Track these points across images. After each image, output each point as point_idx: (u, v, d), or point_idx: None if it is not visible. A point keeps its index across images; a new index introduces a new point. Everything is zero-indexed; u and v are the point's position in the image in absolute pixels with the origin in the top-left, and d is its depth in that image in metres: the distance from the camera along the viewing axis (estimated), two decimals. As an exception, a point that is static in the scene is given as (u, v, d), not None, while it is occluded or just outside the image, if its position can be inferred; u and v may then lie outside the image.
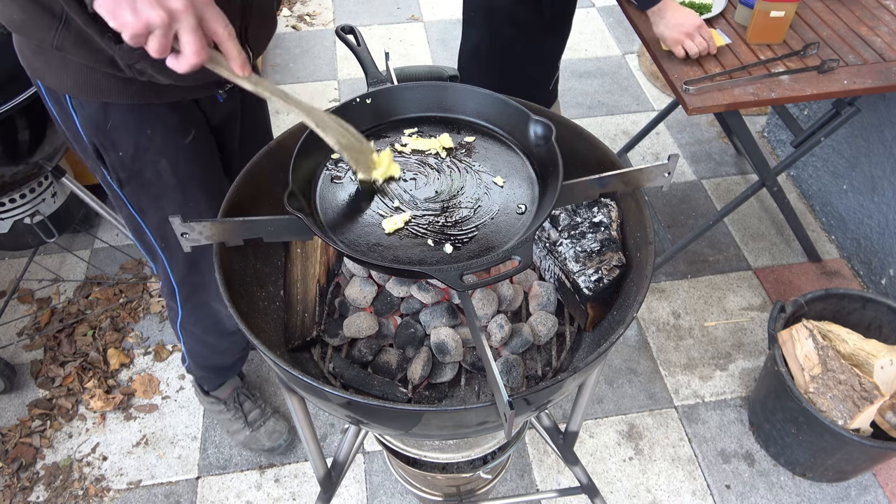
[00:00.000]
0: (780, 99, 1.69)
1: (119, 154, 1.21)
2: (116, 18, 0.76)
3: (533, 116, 1.04)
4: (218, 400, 1.95)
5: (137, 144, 1.21)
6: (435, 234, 0.97)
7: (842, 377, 1.73)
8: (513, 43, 1.89)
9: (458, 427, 0.97)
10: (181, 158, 1.27)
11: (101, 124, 1.17)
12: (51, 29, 1.00)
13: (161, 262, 1.43)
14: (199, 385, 1.96)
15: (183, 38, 0.77)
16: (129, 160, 1.22)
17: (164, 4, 0.75)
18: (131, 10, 0.74)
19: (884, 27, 1.89)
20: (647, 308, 2.37)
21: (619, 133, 3.08)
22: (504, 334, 1.10)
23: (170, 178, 1.27)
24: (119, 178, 1.25)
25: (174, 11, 0.75)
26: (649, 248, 1.05)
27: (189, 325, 1.64)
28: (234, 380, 1.98)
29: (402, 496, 1.90)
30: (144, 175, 1.25)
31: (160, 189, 1.29)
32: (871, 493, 1.91)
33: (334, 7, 3.96)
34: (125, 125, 1.18)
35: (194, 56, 0.78)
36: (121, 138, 1.19)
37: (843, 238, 2.54)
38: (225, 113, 1.35)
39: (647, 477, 1.95)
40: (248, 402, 1.98)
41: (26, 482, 1.93)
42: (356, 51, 1.17)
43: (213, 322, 1.62)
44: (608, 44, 3.62)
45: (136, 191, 1.28)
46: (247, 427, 1.95)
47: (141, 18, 0.74)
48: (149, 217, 1.33)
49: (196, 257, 1.41)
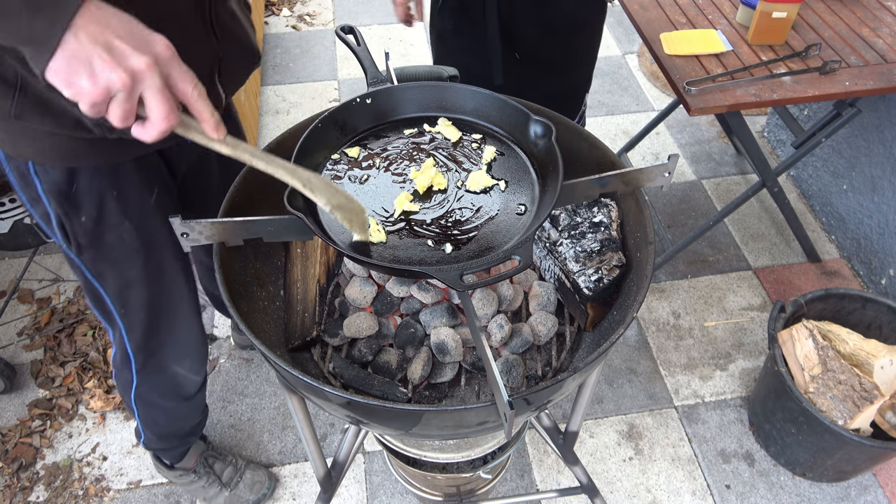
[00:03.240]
0: (781, 100, 1.68)
1: (81, 219, 1.13)
2: (71, 87, 0.67)
3: (533, 116, 1.04)
4: (186, 470, 1.80)
5: (101, 208, 1.13)
6: (435, 234, 0.97)
7: (842, 377, 1.73)
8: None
9: (458, 427, 0.97)
10: (145, 219, 1.20)
11: (65, 190, 1.08)
12: (7, 97, 0.92)
13: (118, 328, 1.33)
14: (160, 460, 1.81)
15: (149, 101, 0.69)
16: (92, 225, 1.14)
17: (124, 64, 0.66)
18: (88, 76, 0.66)
19: (885, 28, 1.89)
20: (647, 308, 2.37)
21: (619, 133, 3.08)
22: (504, 334, 1.10)
23: (133, 241, 1.19)
24: (78, 243, 1.16)
25: (137, 72, 0.67)
26: (649, 248, 1.05)
27: (144, 393, 1.51)
28: (199, 444, 1.82)
29: (402, 496, 1.90)
30: (105, 239, 1.17)
31: (122, 253, 1.20)
32: (871, 493, 1.91)
33: (334, 7, 3.96)
34: (90, 189, 1.10)
35: (163, 121, 0.70)
36: (85, 202, 1.11)
37: (843, 238, 2.54)
38: (194, 157, 1.29)
39: (647, 477, 1.95)
40: (219, 462, 1.85)
41: (26, 482, 1.93)
42: (356, 51, 1.17)
43: (170, 386, 1.52)
44: (608, 44, 3.62)
45: (95, 256, 1.19)
46: (224, 489, 1.83)
47: (99, 83, 0.66)
48: (108, 282, 1.24)
49: (155, 319, 1.33)
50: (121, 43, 0.67)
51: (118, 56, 0.66)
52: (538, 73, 1.77)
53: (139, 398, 1.52)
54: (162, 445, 1.73)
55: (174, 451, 1.76)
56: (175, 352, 1.44)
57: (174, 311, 1.36)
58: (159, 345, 1.39)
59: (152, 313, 1.32)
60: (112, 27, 0.67)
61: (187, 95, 0.72)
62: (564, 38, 1.74)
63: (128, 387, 1.48)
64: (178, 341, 1.42)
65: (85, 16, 0.66)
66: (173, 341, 1.41)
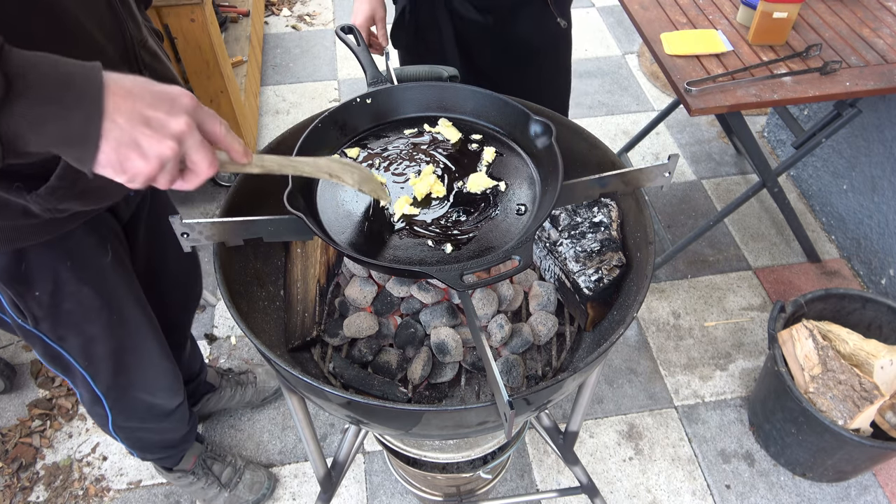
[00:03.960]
0: (782, 100, 1.68)
1: (35, 294, 1.10)
2: (126, 172, 0.66)
3: (533, 116, 1.04)
4: (185, 472, 1.80)
5: (57, 280, 1.10)
6: (435, 234, 0.96)
7: (842, 377, 1.73)
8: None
9: (458, 427, 0.97)
10: (103, 277, 1.18)
11: (14, 272, 1.06)
12: None
13: (81, 377, 1.31)
14: (158, 464, 1.80)
15: (194, 157, 0.69)
16: (49, 298, 1.11)
17: (167, 133, 0.66)
18: (139, 157, 0.65)
19: (886, 29, 1.89)
20: (647, 308, 2.37)
21: (619, 133, 3.08)
22: (504, 334, 1.10)
23: (94, 301, 1.17)
24: (35, 316, 1.14)
25: (180, 136, 0.67)
26: (649, 248, 1.05)
27: (122, 423, 1.50)
28: (195, 447, 1.81)
29: (402, 496, 1.90)
30: (64, 307, 1.15)
31: (83, 314, 1.18)
32: (871, 493, 1.91)
33: (334, 7, 3.96)
34: (41, 264, 1.07)
35: (208, 170, 0.71)
36: (37, 278, 1.08)
37: (843, 238, 2.54)
38: (134, 205, 1.29)
39: (647, 477, 1.95)
40: (217, 463, 1.84)
41: (26, 482, 1.93)
42: (356, 51, 1.17)
43: (146, 409, 1.50)
44: (608, 44, 3.62)
45: (53, 325, 1.17)
46: (223, 489, 1.82)
47: (152, 160, 0.66)
48: (69, 343, 1.22)
49: (122, 361, 1.31)
50: (155, 112, 0.66)
51: (159, 126, 0.66)
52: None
53: (118, 427, 1.51)
54: (156, 456, 1.72)
55: (170, 459, 1.76)
56: (145, 385, 1.42)
57: (140, 351, 1.35)
58: (128, 382, 1.38)
59: (118, 357, 1.30)
60: (138, 97, 0.65)
61: (218, 135, 0.72)
62: (523, 65, 1.70)
63: (104, 421, 1.48)
64: (147, 376, 1.41)
65: (112, 97, 0.64)
66: (142, 377, 1.40)
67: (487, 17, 1.58)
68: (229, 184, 2.69)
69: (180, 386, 1.54)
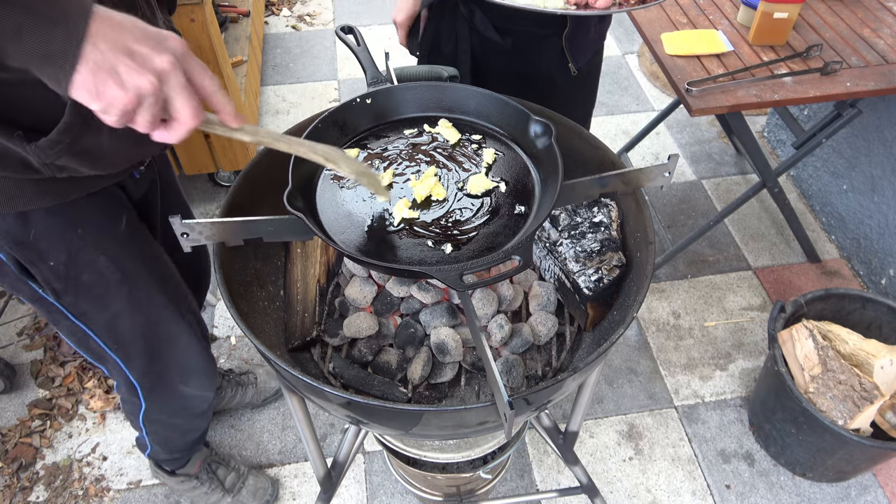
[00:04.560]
0: (782, 101, 1.68)
1: (50, 264, 1.08)
2: (101, 98, 0.64)
3: (533, 116, 1.04)
4: (188, 476, 1.78)
5: (70, 249, 1.08)
6: (435, 235, 0.96)
7: (842, 377, 1.73)
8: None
9: (458, 427, 0.97)
10: (121, 248, 1.16)
11: (21, 237, 1.03)
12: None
13: (114, 363, 1.29)
14: (160, 466, 1.78)
15: (176, 101, 0.67)
16: (64, 268, 1.09)
17: (149, 67, 0.64)
18: (116, 84, 0.64)
19: (886, 29, 1.89)
20: (647, 308, 2.37)
21: (619, 133, 3.08)
22: (504, 334, 1.10)
23: (113, 273, 1.15)
24: (54, 289, 1.12)
25: (162, 73, 0.65)
26: (649, 248, 1.05)
27: (154, 415, 1.48)
28: (202, 451, 1.80)
29: (402, 496, 1.90)
30: (83, 279, 1.12)
31: (104, 288, 1.15)
32: (871, 493, 1.91)
33: (334, 7, 3.96)
34: (51, 231, 1.05)
35: (192, 119, 0.68)
36: (49, 247, 1.06)
37: (843, 238, 2.54)
38: (145, 186, 1.26)
39: (647, 477, 1.95)
40: (222, 468, 1.82)
41: (26, 482, 1.93)
42: (356, 51, 1.17)
43: (180, 405, 1.48)
44: (608, 44, 3.60)
45: (76, 298, 1.15)
46: (227, 494, 1.80)
47: (129, 90, 0.64)
48: (93, 321, 1.20)
49: (154, 343, 1.29)
50: (140, 46, 0.64)
51: (141, 60, 0.64)
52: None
53: (148, 420, 1.50)
54: (169, 457, 1.71)
55: (178, 461, 1.75)
56: (179, 370, 1.39)
57: (170, 331, 1.32)
58: (164, 367, 1.35)
59: (150, 339, 1.28)
60: (126, 29, 0.65)
61: (206, 88, 0.70)
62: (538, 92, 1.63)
63: (136, 410, 1.46)
64: (182, 362, 1.38)
65: (97, 23, 0.63)
66: (178, 363, 1.37)
67: (507, 40, 1.53)
68: (229, 184, 2.69)
69: (214, 379, 1.49)
